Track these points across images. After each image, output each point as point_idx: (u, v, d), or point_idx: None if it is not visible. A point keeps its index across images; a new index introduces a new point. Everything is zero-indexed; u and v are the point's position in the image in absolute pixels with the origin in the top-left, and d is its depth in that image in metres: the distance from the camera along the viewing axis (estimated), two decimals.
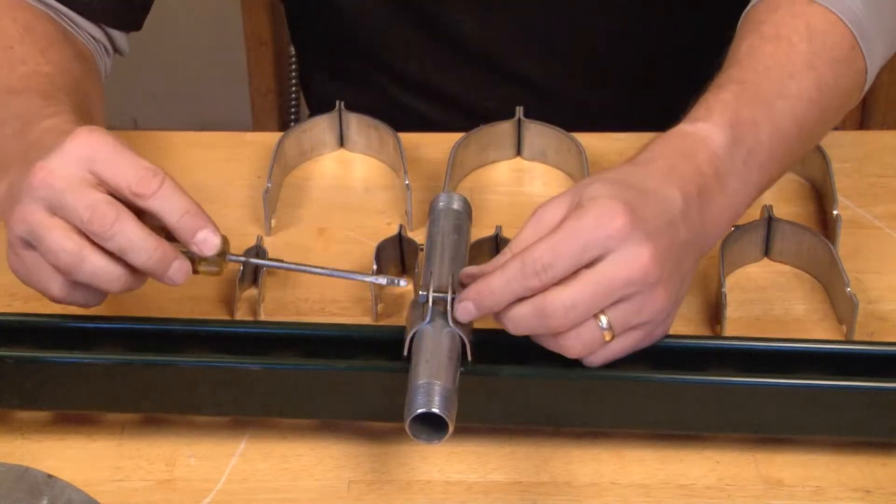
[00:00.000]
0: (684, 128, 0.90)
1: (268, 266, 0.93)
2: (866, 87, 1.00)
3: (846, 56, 0.96)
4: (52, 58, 1.02)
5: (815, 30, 0.95)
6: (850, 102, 0.99)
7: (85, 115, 0.97)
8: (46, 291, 0.86)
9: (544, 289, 0.82)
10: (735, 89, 0.92)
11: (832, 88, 0.95)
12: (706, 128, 0.90)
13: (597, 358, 0.84)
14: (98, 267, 0.84)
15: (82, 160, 0.85)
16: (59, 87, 0.99)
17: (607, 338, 0.83)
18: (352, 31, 1.25)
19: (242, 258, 0.90)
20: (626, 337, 0.84)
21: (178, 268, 0.85)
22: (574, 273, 0.82)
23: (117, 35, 1.12)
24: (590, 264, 0.82)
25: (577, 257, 0.82)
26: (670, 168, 0.87)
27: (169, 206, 0.85)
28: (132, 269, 0.85)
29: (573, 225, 0.82)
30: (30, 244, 0.85)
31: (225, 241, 0.88)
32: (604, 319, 0.83)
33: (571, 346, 0.83)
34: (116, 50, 1.14)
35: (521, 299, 0.83)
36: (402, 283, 0.89)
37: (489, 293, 0.83)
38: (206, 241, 0.85)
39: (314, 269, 0.90)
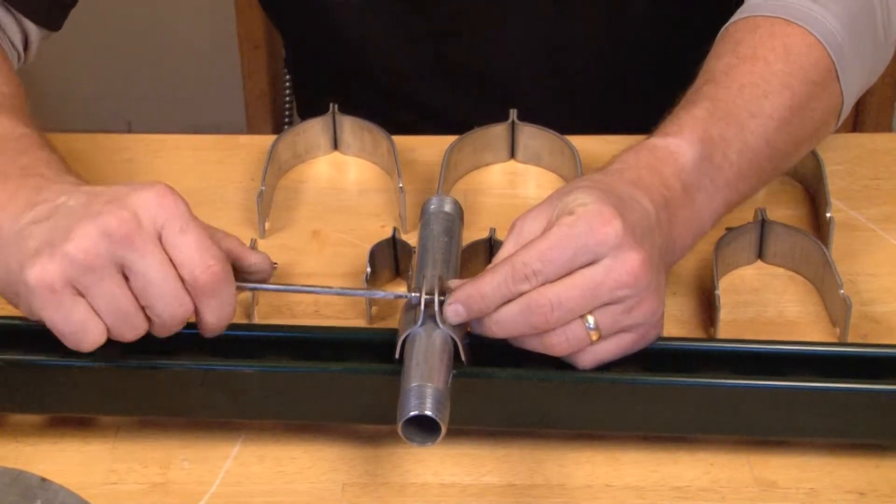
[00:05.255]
0: (654, 141, 0.91)
1: (278, 290, 0.92)
2: (843, 115, 1.00)
3: (822, 78, 0.97)
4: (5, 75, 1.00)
5: (791, 50, 0.96)
6: (826, 128, 1.00)
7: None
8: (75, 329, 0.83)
9: None
10: (708, 106, 0.93)
11: (805, 109, 0.96)
12: (676, 142, 0.91)
13: (586, 358, 0.85)
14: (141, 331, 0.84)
15: (158, 222, 0.82)
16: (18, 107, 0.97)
17: (594, 338, 0.83)
18: (345, 51, 1.25)
19: (253, 286, 0.90)
20: (618, 339, 0.85)
21: None
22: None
23: (34, 36, 1.08)
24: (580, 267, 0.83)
25: (569, 264, 0.82)
26: (638, 178, 0.88)
27: (217, 308, 0.84)
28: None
29: (564, 231, 0.82)
30: (72, 281, 0.81)
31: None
32: (590, 319, 0.83)
33: (556, 343, 0.83)
34: (26, 53, 1.09)
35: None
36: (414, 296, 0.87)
37: (479, 297, 0.83)
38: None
39: (319, 290, 0.91)
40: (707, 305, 0.98)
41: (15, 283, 0.83)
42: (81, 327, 0.82)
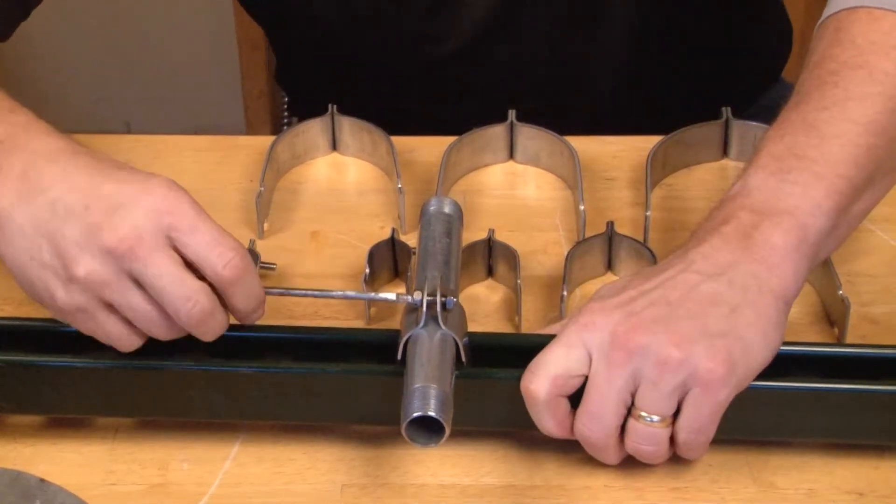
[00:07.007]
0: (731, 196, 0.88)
1: (289, 295, 0.92)
2: None
3: None
4: None
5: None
6: None
7: None
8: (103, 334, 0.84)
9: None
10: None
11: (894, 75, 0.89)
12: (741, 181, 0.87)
13: (690, 447, 0.83)
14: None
15: (163, 227, 0.81)
16: None
17: (663, 425, 0.82)
18: (339, 65, 1.26)
19: (275, 290, 0.90)
20: (687, 409, 0.81)
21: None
22: None
23: None
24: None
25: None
26: (701, 225, 0.86)
27: (247, 294, 0.84)
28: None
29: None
30: (98, 298, 0.82)
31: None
32: (642, 414, 0.81)
33: (641, 451, 0.83)
34: None
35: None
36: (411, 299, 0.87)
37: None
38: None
39: (322, 294, 0.91)
40: None
41: (35, 286, 0.84)
42: (118, 336, 0.84)
